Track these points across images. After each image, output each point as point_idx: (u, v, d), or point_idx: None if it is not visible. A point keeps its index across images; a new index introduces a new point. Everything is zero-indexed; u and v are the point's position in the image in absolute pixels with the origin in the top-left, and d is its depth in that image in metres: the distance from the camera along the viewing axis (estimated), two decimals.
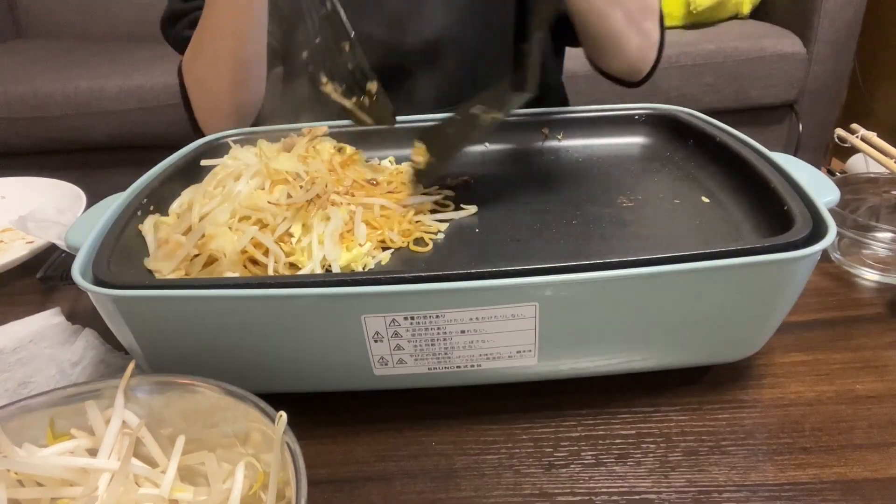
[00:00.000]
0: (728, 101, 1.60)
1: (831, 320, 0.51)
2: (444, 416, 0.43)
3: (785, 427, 0.41)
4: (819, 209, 0.41)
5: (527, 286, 0.37)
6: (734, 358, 0.45)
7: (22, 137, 1.64)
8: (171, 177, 0.54)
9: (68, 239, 0.47)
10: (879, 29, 1.86)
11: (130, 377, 0.35)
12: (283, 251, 0.45)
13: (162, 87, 1.59)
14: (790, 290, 0.41)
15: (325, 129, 0.60)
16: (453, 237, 0.50)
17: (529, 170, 0.60)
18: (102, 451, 0.33)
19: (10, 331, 0.53)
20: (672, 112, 0.62)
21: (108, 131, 1.63)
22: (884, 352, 0.47)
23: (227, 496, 0.32)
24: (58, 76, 1.64)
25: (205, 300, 0.38)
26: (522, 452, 0.41)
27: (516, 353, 0.40)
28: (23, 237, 0.73)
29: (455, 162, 0.58)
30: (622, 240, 0.48)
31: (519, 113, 0.64)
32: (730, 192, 0.52)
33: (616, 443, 0.41)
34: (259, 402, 0.33)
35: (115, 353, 0.50)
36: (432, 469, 0.40)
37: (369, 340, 0.39)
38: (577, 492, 0.38)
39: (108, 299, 0.39)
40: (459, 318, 0.38)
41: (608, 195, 0.54)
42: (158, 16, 0.77)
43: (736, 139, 0.54)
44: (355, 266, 0.46)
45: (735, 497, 0.37)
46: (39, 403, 0.34)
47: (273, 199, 0.48)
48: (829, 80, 1.63)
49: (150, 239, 0.48)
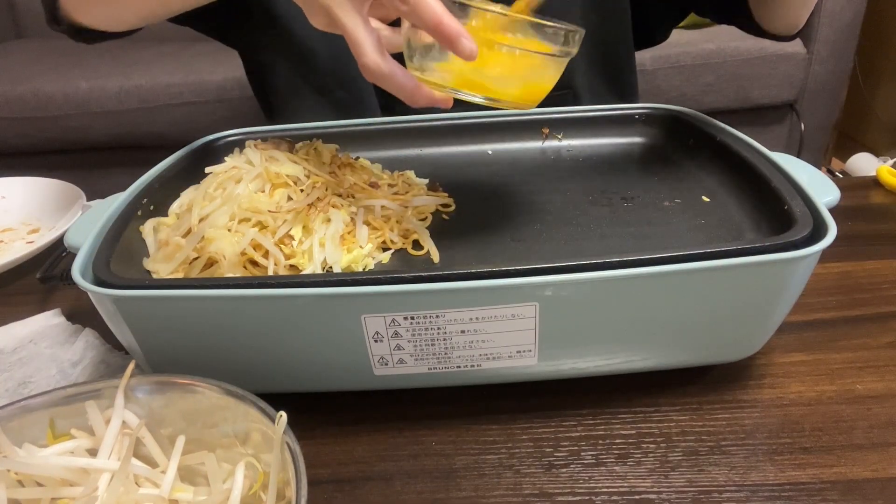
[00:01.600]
0: (728, 101, 1.60)
1: (831, 320, 0.51)
2: (444, 416, 0.43)
3: (785, 427, 0.41)
4: (819, 209, 0.41)
5: (527, 286, 0.37)
6: (734, 358, 0.45)
7: (22, 137, 1.64)
8: (171, 177, 0.54)
9: (68, 239, 0.47)
10: (879, 29, 1.87)
11: (130, 377, 0.35)
12: (284, 254, 0.45)
13: (162, 87, 1.59)
14: (790, 290, 0.41)
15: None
16: (453, 237, 0.50)
17: (529, 169, 0.60)
18: (102, 451, 0.33)
19: (10, 331, 0.53)
20: (672, 112, 0.62)
21: (108, 131, 1.63)
22: (884, 352, 0.47)
23: (227, 496, 0.32)
24: (58, 76, 1.64)
25: (205, 300, 0.38)
26: (522, 452, 0.41)
27: (516, 353, 0.40)
28: (23, 237, 0.73)
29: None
30: (622, 240, 0.48)
31: (519, 113, 0.64)
32: (730, 191, 0.52)
33: (616, 443, 0.41)
34: (259, 402, 0.33)
35: (115, 353, 0.50)
36: (432, 469, 0.40)
37: (369, 340, 0.39)
38: (577, 492, 0.38)
39: (108, 299, 0.39)
40: (459, 318, 0.38)
41: (608, 195, 0.54)
42: None
43: (736, 139, 0.54)
44: (356, 267, 0.46)
45: (735, 497, 0.37)
46: (39, 403, 0.34)
47: (273, 204, 0.47)
48: (829, 80, 1.63)
49: (150, 240, 0.48)
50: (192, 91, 1.60)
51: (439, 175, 0.59)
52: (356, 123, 0.64)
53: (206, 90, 1.60)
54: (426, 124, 0.63)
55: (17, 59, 1.81)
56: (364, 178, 0.54)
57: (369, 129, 0.63)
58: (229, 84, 1.59)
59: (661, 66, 1.57)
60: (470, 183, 0.58)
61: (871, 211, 0.67)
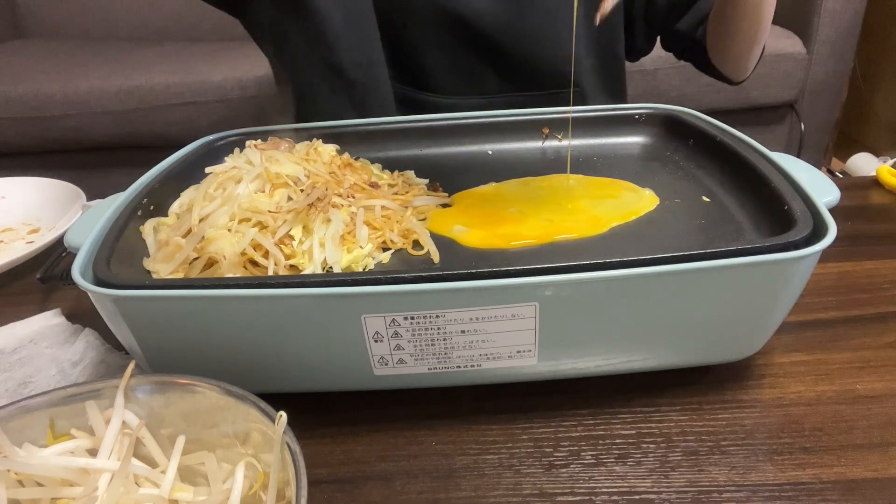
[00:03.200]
0: (728, 101, 1.60)
1: (831, 320, 0.51)
2: (444, 416, 0.43)
3: (785, 427, 0.41)
4: (819, 209, 0.41)
5: (527, 286, 0.37)
6: (734, 358, 0.45)
7: (22, 137, 1.64)
8: (171, 177, 0.54)
9: (68, 239, 0.47)
10: (879, 29, 1.87)
11: (130, 377, 0.35)
12: (284, 254, 0.45)
13: (162, 87, 1.59)
14: (790, 290, 0.41)
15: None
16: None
17: (529, 169, 0.60)
18: (102, 451, 0.33)
19: (10, 331, 0.53)
20: (672, 112, 0.62)
21: (108, 131, 1.63)
22: (884, 352, 0.47)
23: (227, 496, 0.32)
24: (58, 76, 1.64)
25: (205, 300, 0.38)
26: (522, 452, 0.41)
27: (516, 353, 0.40)
28: (23, 237, 0.73)
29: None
30: (622, 240, 0.48)
31: (519, 113, 0.64)
32: (730, 191, 0.52)
33: (616, 443, 0.41)
34: (259, 402, 0.33)
35: (115, 353, 0.50)
36: (432, 469, 0.40)
37: (369, 340, 0.39)
38: (577, 492, 0.38)
39: (108, 299, 0.39)
40: (459, 318, 0.38)
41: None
42: (158, 16, 0.77)
43: (736, 139, 0.54)
44: (356, 267, 0.46)
45: (735, 497, 0.37)
46: (39, 403, 0.34)
47: (273, 205, 0.47)
48: (829, 80, 1.63)
49: (150, 240, 0.48)
50: (192, 91, 1.60)
51: (439, 175, 0.59)
52: (356, 123, 0.64)
53: (206, 90, 1.60)
54: (426, 124, 0.63)
55: (17, 59, 1.81)
56: (364, 178, 0.54)
57: (369, 129, 0.63)
58: (229, 84, 1.59)
59: (661, 66, 1.57)
60: (470, 183, 0.58)
61: (871, 211, 0.67)
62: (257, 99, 1.59)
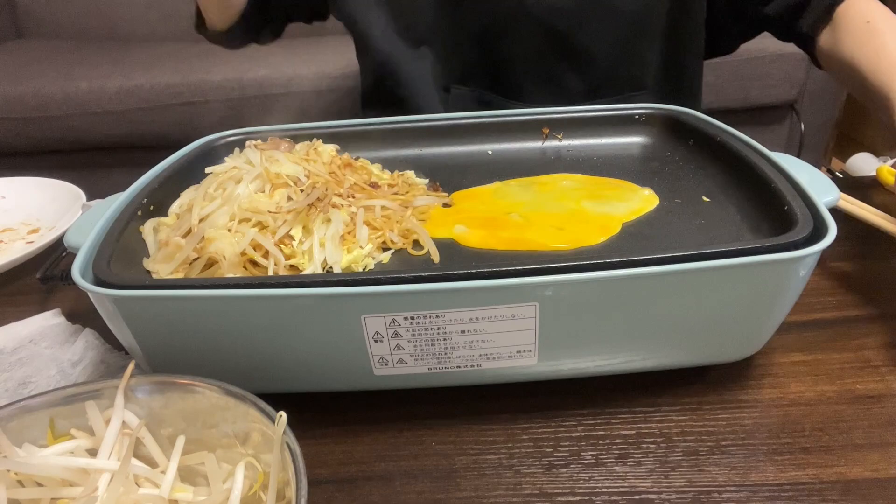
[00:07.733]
0: (728, 101, 1.60)
1: (831, 320, 0.51)
2: (444, 416, 0.43)
3: (785, 427, 0.41)
4: (819, 209, 0.41)
5: (527, 286, 0.37)
6: (734, 358, 0.45)
7: (22, 137, 1.64)
8: (171, 177, 0.54)
9: (68, 239, 0.47)
10: None
11: (130, 377, 0.35)
12: (284, 254, 0.45)
13: (162, 87, 1.59)
14: (790, 290, 0.41)
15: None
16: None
17: (529, 169, 0.60)
18: (102, 451, 0.33)
19: (10, 331, 0.53)
20: (672, 112, 0.62)
21: (108, 131, 1.63)
22: (884, 352, 0.47)
23: (227, 496, 0.32)
24: (58, 76, 1.64)
25: (205, 300, 0.38)
26: (522, 452, 0.41)
27: (516, 353, 0.40)
28: (23, 237, 0.73)
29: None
30: (622, 240, 0.48)
31: (519, 113, 0.64)
32: (730, 192, 0.52)
33: (616, 443, 0.41)
34: (259, 402, 0.33)
35: (115, 353, 0.50)
36: (432, 469, 0.40)
37: (369, 340, 0.39)
38: (577, 492, 0.38)
39: (108, 299, 0.39)
40: (459, 318, 0.38)
41: None
42: (158, 16, 0.77)
43: (736, 139, 0.54)
44: (356, 267, 0.46)
45: (735, 497, 0.37)
46: (39, 403, 0.34)
47: (273, 205, 0.47)
48: (829, 80, 1.62)
49: (150, 240, 0.48)
50: (192, 91, 1.60)
51: (439, 175, 0.59)
52: (356, 123, 0.64)
53: (206, 90, 1.60)
54: (426, 124, 0.63)
55: (17, 59, 1.81)
56: (364, 178, 0.54)
57: (369, 129, 0.63)
58: (229, 84, 1.59)
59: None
60: (470, 183, 0.58)
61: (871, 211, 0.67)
62: (258, 99, 1.59)
